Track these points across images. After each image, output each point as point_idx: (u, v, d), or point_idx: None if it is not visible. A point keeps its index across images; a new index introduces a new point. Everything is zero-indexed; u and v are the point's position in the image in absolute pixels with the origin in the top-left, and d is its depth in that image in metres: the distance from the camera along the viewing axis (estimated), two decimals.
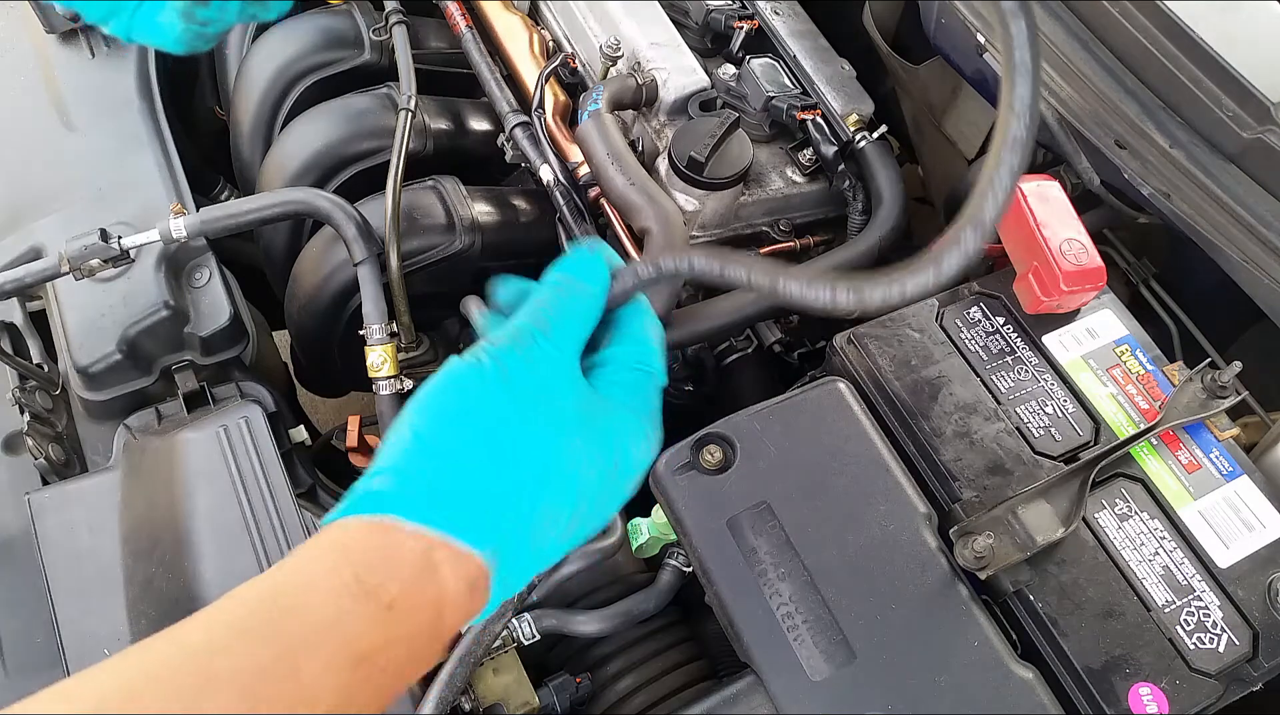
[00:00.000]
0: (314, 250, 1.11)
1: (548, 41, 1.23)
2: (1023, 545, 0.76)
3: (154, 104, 1.19)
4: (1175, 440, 0.86)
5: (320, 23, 1.24)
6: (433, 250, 1.08)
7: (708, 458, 0.80)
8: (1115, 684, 0.72)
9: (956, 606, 0.75)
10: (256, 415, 0.91)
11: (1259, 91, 0.86)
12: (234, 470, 0.87)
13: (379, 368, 0.98)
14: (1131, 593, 0.77)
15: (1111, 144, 0.94)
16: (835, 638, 0.73)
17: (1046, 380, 0.87)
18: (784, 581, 0.75)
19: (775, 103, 1.12)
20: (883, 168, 1.10)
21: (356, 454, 1.23)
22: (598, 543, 0.85)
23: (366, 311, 0.98)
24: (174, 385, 1.00)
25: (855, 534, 0.77)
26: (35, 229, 1.07)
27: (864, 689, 0.71)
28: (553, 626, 0.84)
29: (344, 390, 1.36)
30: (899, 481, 0.80)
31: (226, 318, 1.01)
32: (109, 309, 0.98)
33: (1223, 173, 0.89)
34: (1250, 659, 0.75)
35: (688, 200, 1.06)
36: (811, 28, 1.23)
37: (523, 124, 1.14)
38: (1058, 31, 0.98)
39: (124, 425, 0.96)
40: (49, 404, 1.00)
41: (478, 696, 0.79)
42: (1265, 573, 0.79)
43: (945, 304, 0.91)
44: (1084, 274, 0.86)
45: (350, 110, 1.17)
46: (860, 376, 0.88)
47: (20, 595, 0.88)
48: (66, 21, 1.19)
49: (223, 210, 0.97)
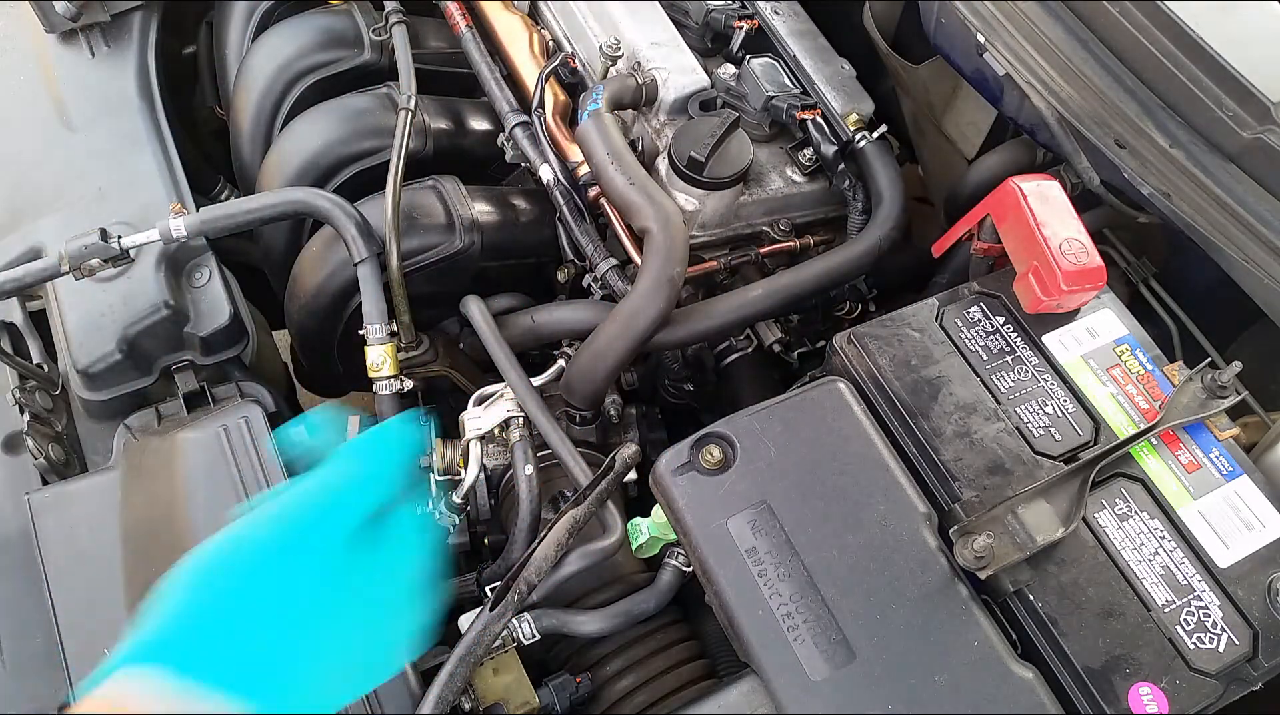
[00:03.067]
0: (314, 250, 1.11)
1: (548, 41, 1.23)
2: (1023, 545, 0.76)
3: (154, 104, 1.19)
4: (1175, 440, 0.86)
5: (320, 22, 1.25)
6: (433, 250, 1.08)
7: (707, 457, 0.80)
8: (1115, 684, 0.72)
9: (956, 606, 0.75)
10: (256, 415, 0.91)
11: (1259, 91, 0.86)
12: (234, 470, 0.87)
13: (379, 367, 0.98)
14: (1131, 592, 0.77)
15: (1111, 144, 0.94)
16: (835, 638, 0.73)
17: (1046, 380, 0.87)
18: (784, 581, 0.75)
19: (775, 102, 1.13)
20: (883, 167, 1.10)
21: None
22: (598, 543, 0.85)
23: (366, 311, 0.98)
24: (174, 385, 1.00)
25: (855, 534, 0.77)
26: (35, 229, 1.07)
27: (864, 689, 0.71)
28: (553, 626, 0.84)
29: (344, 390, 1.36)
30: (899, 481, 0.80)
31: (226, 318, 1.01)
32: (109, 309, 0.98)
33: (1223, 173, 0.89)
34: (1250, 659, 0.75)
35: (688, 200, 1.06)
36: (811, 28, 1.23)
37: (523, 124, 1.14)
38: (1058, 31, 0.98)
39: (124, 425, 0.96)
40: (49, 404, 1.00)
41: (478, 696, 0.79)
42: (1265, 573, 0.79)
43: (945, 304, 0.91)
44: (1084, 274, 0.86)
45: (350, 110, 1.17)
46: (860, 376, 0.88)
47: (20, 595, 0.88)
48: (66, 21, 1.19)
49: (223, 210, 0.97)
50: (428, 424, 1.21)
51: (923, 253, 1.07)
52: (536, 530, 0.90)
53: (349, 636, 0.59)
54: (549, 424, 0.93)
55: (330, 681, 0.58)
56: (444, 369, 1.13)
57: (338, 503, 0.61)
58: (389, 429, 0.67)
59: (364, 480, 0.63)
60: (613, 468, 0.86)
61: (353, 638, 0.59)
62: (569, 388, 1.01)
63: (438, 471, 1.03)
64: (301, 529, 0.59)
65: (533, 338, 1.07)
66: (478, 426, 0.97)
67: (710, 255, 1.11)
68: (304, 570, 0.58)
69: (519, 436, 0.95)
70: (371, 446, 0.65)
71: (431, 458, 1.04)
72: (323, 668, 0.57)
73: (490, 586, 0.87)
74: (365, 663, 0.60)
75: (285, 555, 0.58)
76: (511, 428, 0.96)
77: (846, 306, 1.17)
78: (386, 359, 0.98)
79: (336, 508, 0.61)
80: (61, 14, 1.18)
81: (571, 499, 0.84)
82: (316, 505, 0.60)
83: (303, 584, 0.57)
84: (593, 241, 1.08)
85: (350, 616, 0.59)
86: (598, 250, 1.07)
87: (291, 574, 0.57)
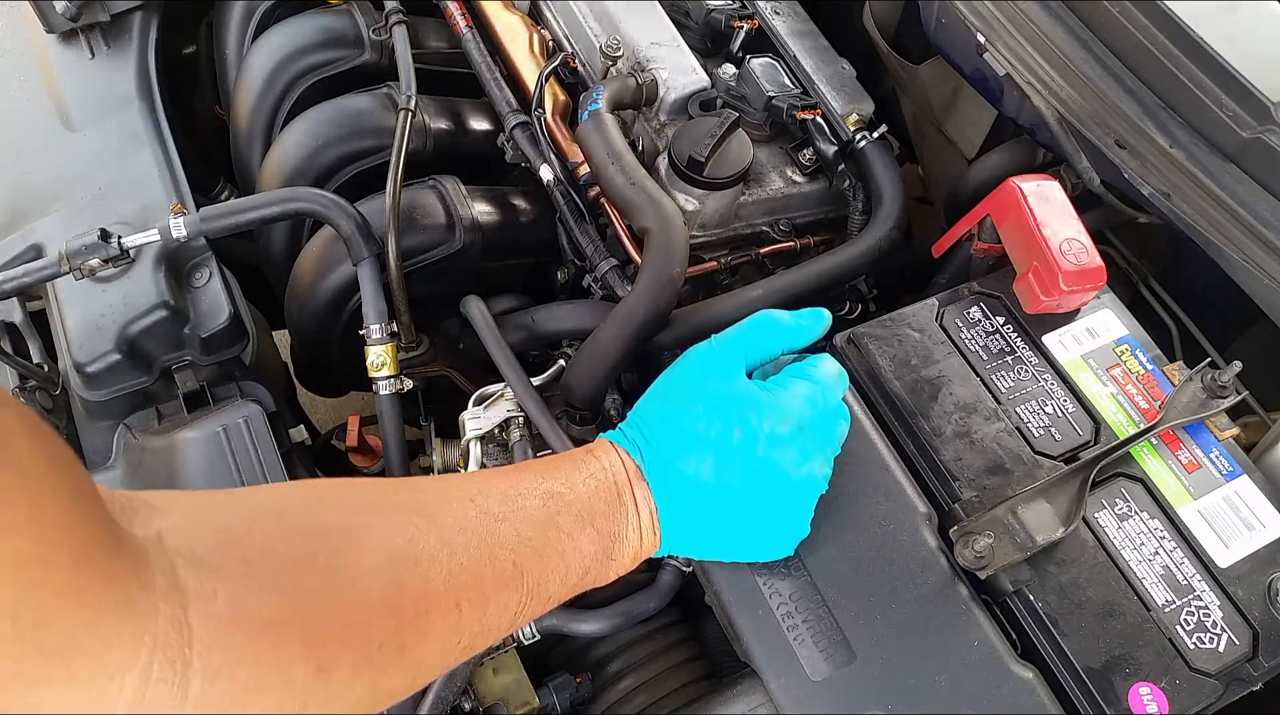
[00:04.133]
0: (314, 250, 1.11)
1: (548, 41, 1.23)
2: (1023, 545, 0.76)
3: (154, 104, 1.19)
4: (1175, 440, 0.86)
5: (320, 22, 1.24)
6: (433, 250, 1.08)
7: None
8: (1115, 684, 0.72)
9: (956, 606, 0.75)
10: (256, 415, 0.91)
11: (1259, 91, 0.86)
12: (234, 470, 0.87)
13: (379, 368, 0.98)
14: (1131, 592, 0.77)
15: (1111, 144, 0.94)
16: (835, 638, 0.73)
17: (1046, 380, 0.87)
18: (784, 581, 0.75)
19: (775, 103, 1.12)
20: (883, 167, 1.10)
21: (356, 454, 1.23)
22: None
23: (366, 311, 0.98)
24: (174, 385, 1.00)
25: (855, 534, 0.77)
26: (35, 229, 1.07)
27: (864, 689, 0.71)
28: (553, 626, 0.84)
29: (344, 390, 1.36)
30: (899, 481, 0.80)
31: (226, 318, 1.01)
32: (109, 308, 0.98)
33: (1223, 172, 0.89)
34: (1250, 659, 0.75)
35: (688, 200, 1.06)
36: (811, 28, 1.23)
37: (523, 124, 1.14)
38: (1058, 31, 0.98)
39: (124, 425, 0.96)
40: (49, 404, 1.00)
41: (478, 696, 0.79)
42: (1265, 573, 0.79)
43: (945, 304, 0.91)
44: (1084, 274, 0.86)
45: (350, 110, 1.17)
46: (860, 376, 0.88)
47: None
48: (66, 21, 1.19)
49: (222, 210, 0.97)
50: (427, 424, 1.21)
51: (923, 253, 1.07)
52: None
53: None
54: (549, 424, 0.93)
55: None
56: (444, 369, 1.13)
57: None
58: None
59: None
60: None
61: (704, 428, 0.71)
62: (569, 388, 1.01)
63: (438, 472, 1.03)
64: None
65: (533, 338, 1.07)
66: (478, 426, 0.97)
67: (710, 255, 1.11)
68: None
69: (519, 436, 0.95)
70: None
71: (432, 458, 1.04)
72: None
73: None
74: (727, 460, 0.70)
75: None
76: (511, 428, 0.96)
77: (846, 306, 1.17)
78: (387, 359, 0.98)
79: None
80: (61, 14, 1.18)
81: None
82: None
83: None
84: (593, 241, 1.08)
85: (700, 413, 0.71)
86: (598, 250, 1.07)
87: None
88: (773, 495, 0.71)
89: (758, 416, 0.70)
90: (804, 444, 0.72)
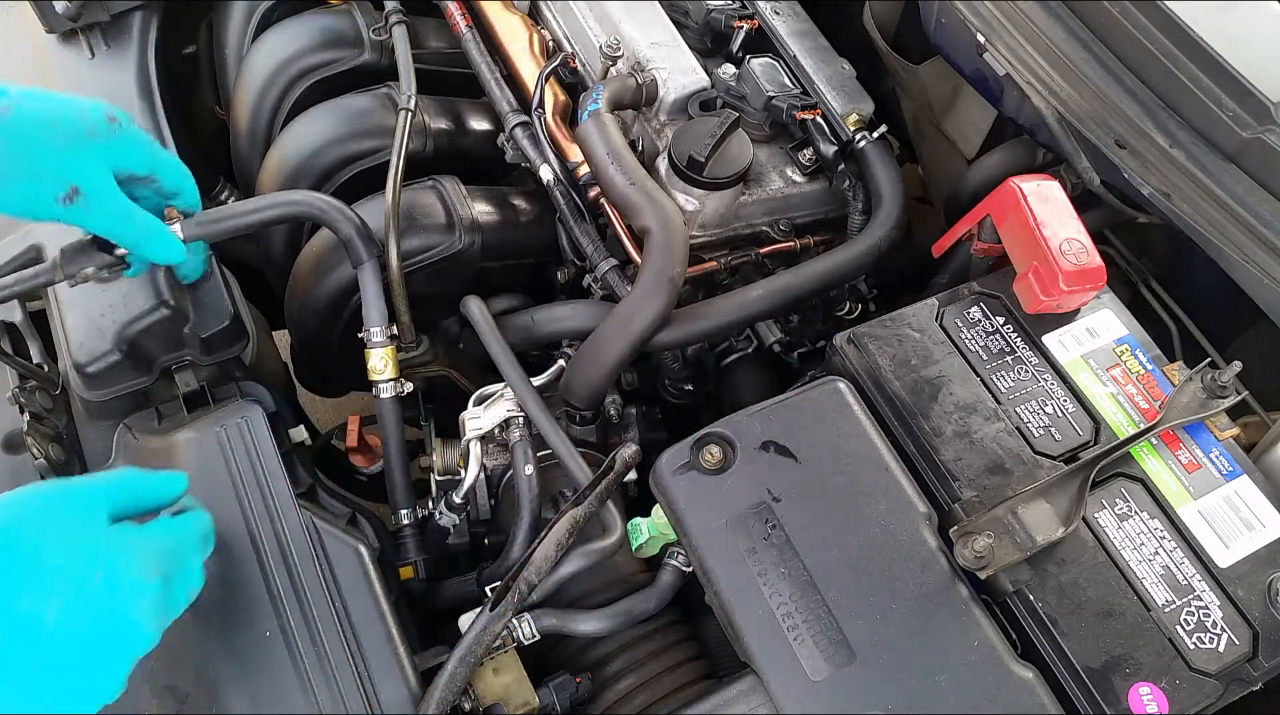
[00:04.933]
0: (313, 250, 1.11)
1: (548, 41, 1.23)
2: (1023, 545, 0.76)
3: (154, 104, 1.18)
4: (1175, 440, 0.86)
5: (320, 22, 1.24)
6: (433, 250, 1.08)
7: (707, 458, 0.80)
8: (1115, 684, 0.72)
9: (956, 606, 0.75)
10: (256, 415, 0.90)
11: (1259, 91, 0.86)
12: (234, 470, 0.87)
13: (380, 371, 0.98)
14: (1131, 592, 0.77)
15: (1111, 144, 0.94)
16: (835, 638, 0.73)
17: (1046, 380, 0.87)
18: (784, 581, 0.75)
19: (775, 103, 1.12)
20: (883, 167, 1.10)
21: (356, 454, 1.23)
22: (598, 543, 0.85)
23: (367, 315, 0.98)
24: (174, 385, 1.00)
25: (855, 534, 0.77)
26: (35, 228, 1.06)
27: (864, 689, 0.71)
28: (553, 626, 0.84)
29: (344, 390, 1.36)
30: (899, 481, 0.80)
31: (226, 318, 1.00)
32: (109, 309, 0.98)
33: (1223, 172, 0.89)
34: (1250, 659, 0.75)
35: (688, 200, 1.06)
36: (811, 28, 1.23)
37: (523, 124, 1.14)
38: (1058, 31, 0.98)
39: (124, 425, 0.96)
40: (49, 404, 0.99)
41: (478, 696, 0.79)
42: (1265, 573, 0.79)
43: (945, 304, 0.91)
44: (1084, 274, 0.86)
45: (350, 110, 1.17)
46: (860, 376, 0.88)
47: None
48: (66, 21, 1.19)
49: (220, 214, 0.97)
50: (427, 424, 1.21)
51: (923, 253, 1.07)
52: (537, 530, 0.90)
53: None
54: (549, 424, 0.93)
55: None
56: (444, 369, 1.13)
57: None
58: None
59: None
60: (613, 468, 0.86)
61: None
62: (569, 388, 1.01)
63: (438, 472, 1.03)
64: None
65: (532, 338, 1.07)
66: (478, 426, 0.97)
67: (710, 255, 1.11)
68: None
69: (519, 436, 0.95)
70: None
71: (432, 458, 1.04)
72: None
73: (490, 587, 0.87)
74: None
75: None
76: (511, 428, 0.96)
77: (846, 306, 1.17)
78: (388, 362, 0.98)
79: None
80: (61, 14, 1.18)
81: (571, 499, 0.84)
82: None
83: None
84: (593, 241, 1.08)
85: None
86: (598, 250, 1.07)
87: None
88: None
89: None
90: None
